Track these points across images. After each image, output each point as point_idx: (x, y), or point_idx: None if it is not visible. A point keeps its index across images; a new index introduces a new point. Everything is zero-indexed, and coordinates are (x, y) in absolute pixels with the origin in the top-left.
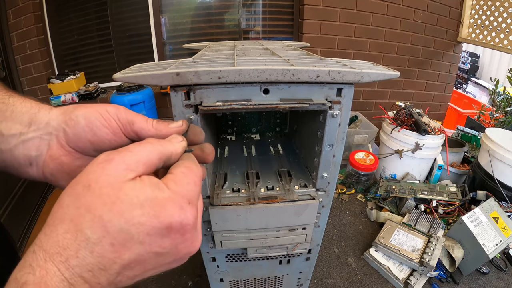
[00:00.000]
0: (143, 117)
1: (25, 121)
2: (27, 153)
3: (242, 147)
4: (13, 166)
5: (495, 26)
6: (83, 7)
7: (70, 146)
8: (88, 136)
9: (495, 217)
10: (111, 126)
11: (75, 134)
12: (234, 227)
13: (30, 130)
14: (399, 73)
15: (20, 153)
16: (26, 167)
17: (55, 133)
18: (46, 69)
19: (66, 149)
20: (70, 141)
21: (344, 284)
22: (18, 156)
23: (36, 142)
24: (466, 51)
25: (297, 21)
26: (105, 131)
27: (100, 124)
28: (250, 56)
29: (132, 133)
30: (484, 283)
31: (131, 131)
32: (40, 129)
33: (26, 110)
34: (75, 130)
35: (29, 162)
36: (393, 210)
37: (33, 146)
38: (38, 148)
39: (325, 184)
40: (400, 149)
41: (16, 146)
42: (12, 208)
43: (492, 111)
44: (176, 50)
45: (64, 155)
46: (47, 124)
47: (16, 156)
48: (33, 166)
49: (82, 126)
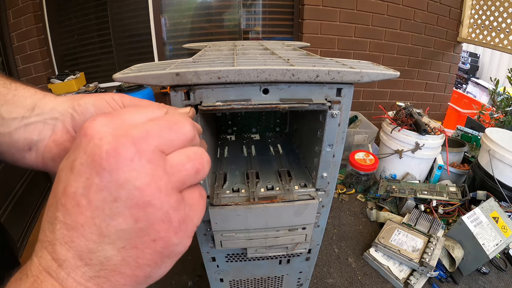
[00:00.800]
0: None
1: (28, 105)
2: (28, 136)
3: (242, 147)
4: (10, 151)
5: (495, 26)
6: (83, 7)
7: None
8: None
9: (495, 217)
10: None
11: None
12: (234, 227)
13: (33, 114)
14: (399, 73)
15: (20, 136)
16: (24, 152)
17: (61, 118)
18: (46, 69)
19: (71, 134)
20: (77, 126)
21: (344, 284)
22: (18, 140)
23: (39, 126)
24: (466, 51)
25: (297, 21)
26: None
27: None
28: (250, 56)
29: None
30: (484, 283)
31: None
32: (44, 113)
33: (29, 95)
34: (84, 117)
35: (28, 146)
36: (393, 210)
37: (35, 130)
38: (40, 133)
39: (325, 184)
40: (400, 149)
41: (16, 129)
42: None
43: (492, 111)
44: (176, 50)
45: (68, 140)
46: (53, 109)
47: (16, 140)
48: (32, 151)
49: (91, 113)
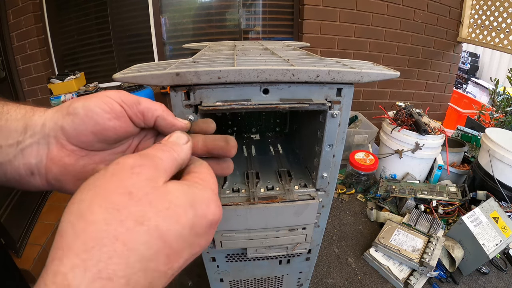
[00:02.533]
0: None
1: (20, 127)
2: (27, 161)
3: (242, 147)
4: (15, 178)
5: (495, 26)
6: (83, 7)
7: (72, 144)
8: (89, 127)
9: (495, 217)
10: (113, 110)
11: (75, 129)
12: (234, 227)
13: (26, 136)
14: (399, 73)
15: (19, 163)
16: (28, 177)
17: (53, 133)
18: (46, 69)
19: (67, 149)
20: (70, 137)
21: (344, 284)
22: (18, 166)
23: (35, 148)
24: (466, 51)
25: (297, 21)
26: (107, 117)
27: (100, 111)
28: (250, 56)
29: (138, 114)
30: (484, 283)
31: (137, 112)
32: (36, 133)
33: (20, 117)
34: (74, 124)
35: (30, 171)
36: (393, 210)
37: (32, 153)
38: (37, 154)
39: (325, 184)
40: (400, 149)
41: (15, 156)
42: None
43: (492, 111)
44: (176, 50)
45: (66, 155)
46: (43, 126)
47: (16, 167)
48: (35, 175)
49: (81, 117)
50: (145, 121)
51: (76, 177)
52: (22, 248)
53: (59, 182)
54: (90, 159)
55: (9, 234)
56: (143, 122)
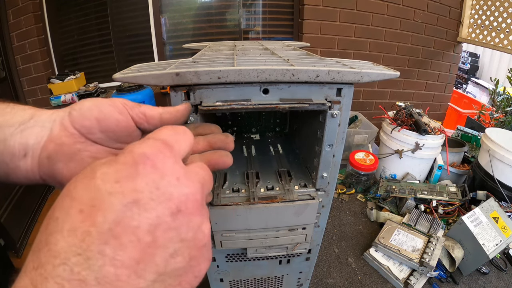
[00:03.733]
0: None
1: (26, 115)
2: (24, 141)
3: (242, 147)
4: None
5: (495, 26)
6: (83, 7)
7: (75, 128)
8: (94, 113)
9: (495, 217)
10: (117, 106)
11: (81, 114)
12: (234, 227)
13: (31, 121)
14: (399, 73)
15: (15, 142)
16: (19, 160)
17: (59, 119)
18: (46, 69)
19: (69, 131)
20: (75, 121)
21: (344, 284)
22: (13, 145)
23: (36, 130)
24: (466, 51)
25: (297, 21)
26: (111, 109)
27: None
28: (250, 56)
29: (140, 114)
30: (484, 283)
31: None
32: (42, 120)
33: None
34: (81, 111)
35: (24, 151)
36: (393, 210)
37: (32, 134)
38: (37, 136)
39: (325, 184)
40: (400, 149)
41: (12, 135)
42: (12, 208)
43: (492, 111)
44: (176, 50)
45: (66, 136)
46: (50, 115)
47: (11, 145)
48: (28, 157)
49: (89, 106)
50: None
51: (68, 158)
52: (22, 248)
53: (50, 159)
54: (87, 146)
55: (9, 234)
56: (145, 122)
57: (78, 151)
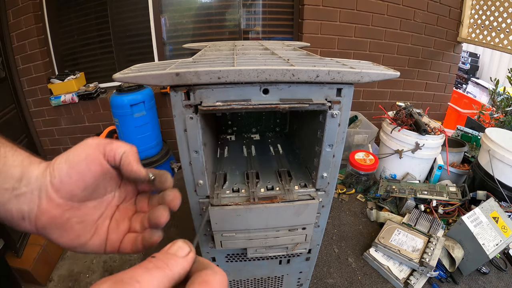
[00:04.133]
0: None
1: (17, 175)
2: (20, 207)
3: (242, 147)
4: (7, 219)
5: (495, 26)
6: (83, 7)
7: (60, 197)
8: (74, 177)
9: (495, 217)
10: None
11: (61, 181)
12: (234, 227)
13: (21, 185)
14: (399, 73)
15: (13, 207)
16: (18, 221)
17: (44, 187)
18: (46, 69)
19: (55, 202)
20: (58, 190)
21: (344, 284)
22: (11, 209)
23: (28, 197)
24: (466, 51)
25: (297, 21)
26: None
27: (80, 159)
28: (250, 56)
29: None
30: (484, 283)
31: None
32: (30, 183)
33: (18, 163)
34: (61, 177)
35: (21, 216)
36: (393, 210)
37: (25, 201)
38: (29, 203)
39: (325, 184)
40: (400, 149)
41: (9, 200)
42: None
43: (492, 111)
44: (176, 50)
45: (53, 208)
46: (36, 179)
47: (9, 209)
48: (25, 220)
49: (66, 170)
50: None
51: (61, 229)
52: (22, 248)
53: (45, 230)
54: (74, 212)
55: (9, 234)
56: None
57: (67, 219)
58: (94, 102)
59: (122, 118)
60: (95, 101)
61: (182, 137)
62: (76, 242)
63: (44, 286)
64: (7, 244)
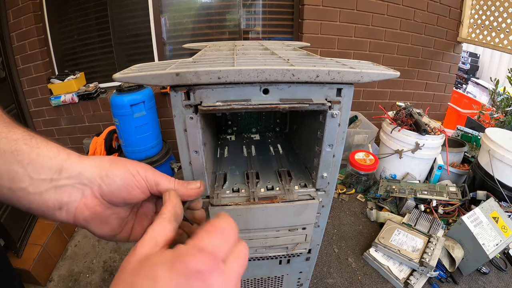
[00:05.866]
0: (166, 177)
1: (55, 166)
2: (59, 198)
3: (242, 147)
4: (40, 208)
5: (495, 26)
6: (83, 7)
7: (104, 199)
8: (123, 194)
9: (495, 217)
10: (141, 187)
11: (111, 191)
12: None
13: (61, 177)
14: (399, 73)
15: (50, 197)
16: (54, 211)
17: (90, 185)
18: (46, 69)
19: (99, 200)
20: (104, 195)
21: (344, 284)
22: (48, 199)
23: (69, 189)
24: (466, 51)
25: (297, 21)
26: (138, 191)
27: (134, 185)
28: (250, 56)
29: (156, 192)
30: (484, 283)
31: (156, 191)
32: (72, 177)
33: (53, 155)
34: (111, 188)
35: (59, 206)
36: (393, 210)
37: (65, 193)
38: (71, 195)
39: (325, 184)
40: (400, 149)
41: (47, 190)
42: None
43: (492, 111)
44: (176, 50)
45: (98, 205)
46: (80, 174)
47: (46, 199)
48: (63, 211)
49: (118, 185)
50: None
51: (101, 222)
52: (22, 248)
53: (87, 222)
54: (114, 210)
55: (9, 234)
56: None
57: (108, 216)
58: (94, 102)
59: (122, 118)
60: (95, 101)
61: (182, 137)
62: (111, 233)
63: (44, 286)
64: (7, 244)
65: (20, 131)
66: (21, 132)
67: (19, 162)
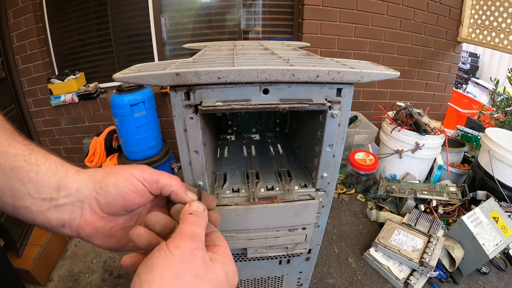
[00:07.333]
0: (165, 174)
1: (53, 185)
2: (60, 216)
3: (242, 147)
4: (45, 225)
5: (495, 26)
6: (83, 7)
7: (103, 212)
8: (120, 202)
9: (495, 217)
10: (138, 190)
11: (107, 202)
12: (234, 227)
13: (60, 195)
14: (399, 73)
15: (52, 216)
16: (58, 228)
17: (87, 201)
18: (46, 69)
19: (99, 215)
20: (102, 207)
21: (344, 284)
22: (51, 218)
23: (69, 208)
24: (466, 51)
25: (297, 21)
26: (134, 196)
27: (129, 191)
28: (250, 56)
29: (157, 190)
30: (484, 283)
31: (157, 188)
32: (70, 195)
33: (52, 173)
34: (107, 199)
35: (61, 224)
36: (393, 210)
37: (66, 211)
38: (71, 213)
39: (325, 184)
40: (400, 149)
41: (48, 209)
42: None
43: (492, 111)
44: (176, 50)
45: (97, 220)
46: (77, 191)
47: (49, 217)
48: (66, 227)
49: (113, 195)
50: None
51: (104, 236)
52: (22, 248)
53: (89, 238)
54: (116, 222)
55: (9, 234)
56: (160, 193)
57: (110, 229)
58: (94, 102)
59: (122, 118)
60: (95, 101)
61: (182, 137)
62: (117, 246)
63: (44, 286)
64: (7, 244)
65: (19, 144)
66: (20, 146)
67: (19, 180)
